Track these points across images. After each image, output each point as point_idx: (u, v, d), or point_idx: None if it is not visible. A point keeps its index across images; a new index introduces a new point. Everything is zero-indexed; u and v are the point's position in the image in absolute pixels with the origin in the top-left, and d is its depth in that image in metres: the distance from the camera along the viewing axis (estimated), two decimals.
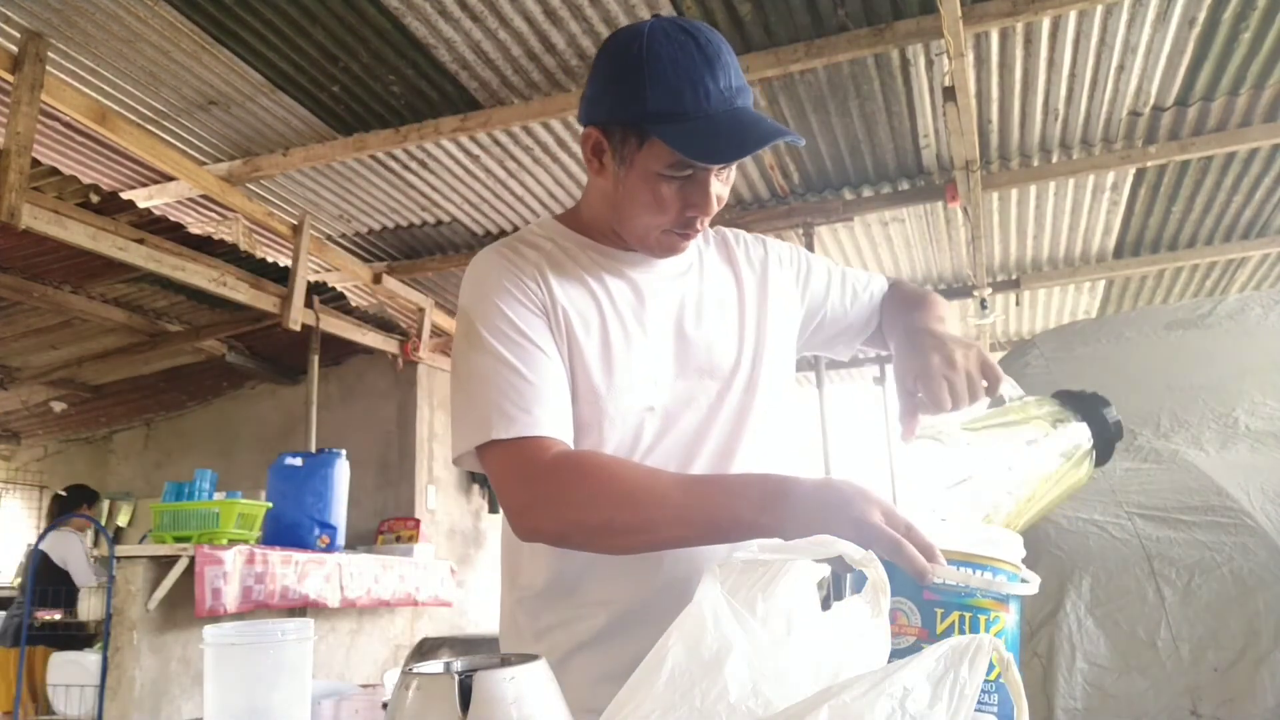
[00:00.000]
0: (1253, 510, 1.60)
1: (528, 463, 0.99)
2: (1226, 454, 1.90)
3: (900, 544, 0.78)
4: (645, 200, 1.04)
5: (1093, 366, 2.47)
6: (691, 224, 1.06)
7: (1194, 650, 1.43)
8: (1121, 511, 1.70)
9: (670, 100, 0.98)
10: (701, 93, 0.98)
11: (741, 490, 0.92)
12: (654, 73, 0.99)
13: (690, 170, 1.01)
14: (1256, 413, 2.02)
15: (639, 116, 1.00)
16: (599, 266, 1.13)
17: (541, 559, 1.09)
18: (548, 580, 1.09)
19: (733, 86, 1.00)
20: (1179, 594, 1.48)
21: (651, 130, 0.99)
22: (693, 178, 1.02)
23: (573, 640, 1.07)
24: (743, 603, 0.69)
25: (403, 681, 0.62)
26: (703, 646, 0.63)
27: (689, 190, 1.03)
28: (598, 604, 1.06)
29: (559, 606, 1.09)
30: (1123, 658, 1.46)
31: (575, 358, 1.07)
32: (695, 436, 1.10)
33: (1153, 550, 1.56)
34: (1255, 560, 1.48)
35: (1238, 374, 2.20)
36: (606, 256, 1.14)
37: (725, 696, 0.61)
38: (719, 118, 0.98)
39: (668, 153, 0.99)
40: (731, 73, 1.00)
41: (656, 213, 1.05)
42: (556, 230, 1.18)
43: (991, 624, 0.79)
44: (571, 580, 1.08)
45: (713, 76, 0.98)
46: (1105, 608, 1.51)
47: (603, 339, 1.08)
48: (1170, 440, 2.01)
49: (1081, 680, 1.46)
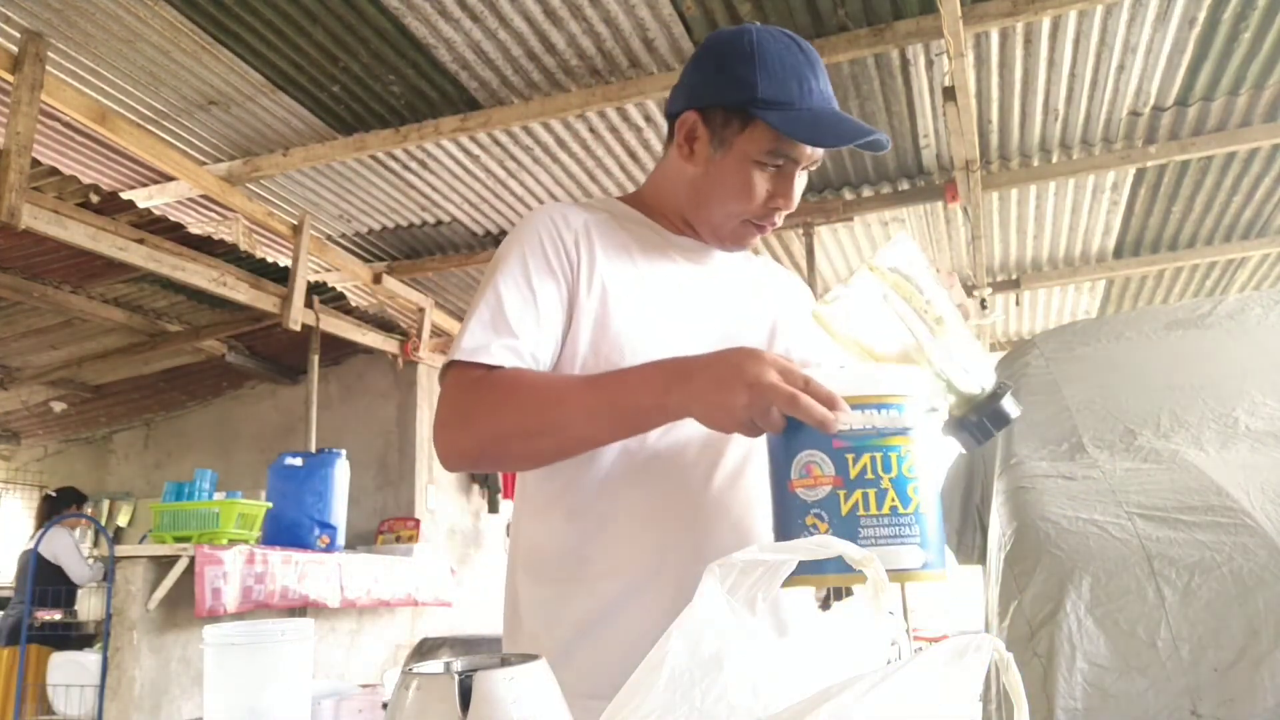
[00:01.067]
0: (1253, 510, 1.60)
1: (456, 384, 1.02)
2: (1226, 454, 1.90)
3: (797, 397, 0.81)
4: (735, 185, 1.10)
5: (1093, 366, 2.47)
6: (772, 215, 1.12)
7: (1194, 650, 1.43)
8: (1121, 511, 1.70)
9: (778, 89, 1.05)
10: (806, 88, 1.06)
11: (640, 379, 0.94)
12: (764, 64, 1.06)
13: (783, 160, 1.08)
14: (1256, 413, 2.02)
15: (748, 101, 1.06)
16: (649, 243, 1.17)
17: (548, 530, 1.10)
18: (558, 550, 1.08)
19: (828, 90, 1.09)
20: (1179, 594, 1.48)
21: (758, 114, 1.05)
22: (783, 170, 1.08)
23: (577, 619, 1.06)
24: (743, 603, 0.69)
25: (403, 681, 0.62)
26: (703, 646, 0.63)
27: (778, 181, 1.09)
28: (602, 576, 1.06)
29: (564, 580, 1.08)
30: (1123, 658, 1.46)
31: (602, 322, 1.08)
32: (710, 431, 1.08)
33: (1153, 550, 1.56)
34: (1255, 560, 1.48)
35: (1238, 374, 2.20)
36: (660, 235, 1.18)
37: (725, 696, 0.61)
38: (820, 110, 1.06)
39: (769, 138, 1.06)
40: (825, 78, 1.09)
41: (743, 199, 1.10)
42: (614, 205, 1.21)
43: (903, 459, 0.82)
44: (577, 550, 1.08)
45: (814, 75, 1.07)
46: (1105, 608, 1.51)
47: (637, 312, 1.10)
48: (1170, 440, 2.01)
49: (1081, 680, 1.46)
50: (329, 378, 5.93)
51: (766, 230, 1.15)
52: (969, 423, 0.92)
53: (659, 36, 3.42)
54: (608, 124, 4.05)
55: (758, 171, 1.08)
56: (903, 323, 0.88)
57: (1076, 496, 1.82)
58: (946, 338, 0.91)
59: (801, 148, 1.07)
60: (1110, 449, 2.04)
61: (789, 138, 1.05)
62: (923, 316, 0.89)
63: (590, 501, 1.07)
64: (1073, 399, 2.32)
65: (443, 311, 5.96)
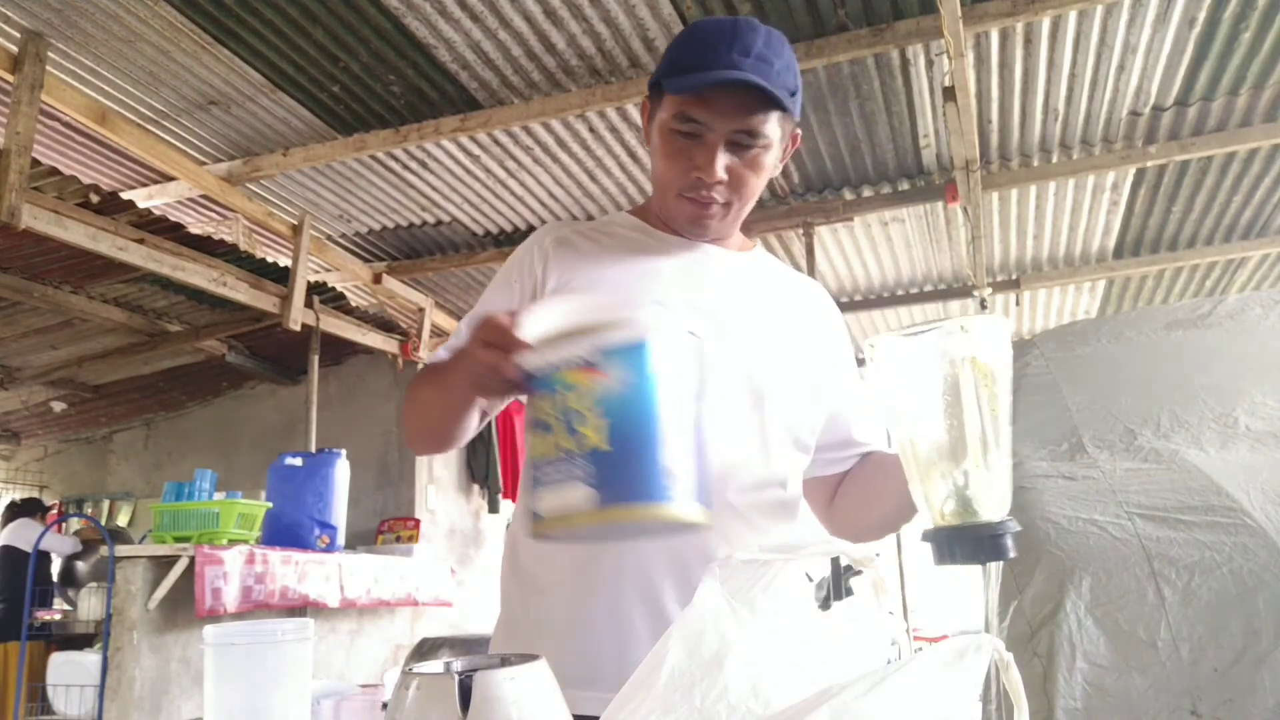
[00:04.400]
0: (1253, 510, 1.60)
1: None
2: (1226, 454, 1.90)
3: (469, 353, 0.85)
4: (660, 157, 1.13)
5: (1093, 366, 2.47)
6: (696, 187, 1.11)
7: (1194, 650, 1.43)
8: (1121, 511, 1.70)
9: (688, 58, 1.08)
10: (712, 55, 1.06)
11: (443, 367, 1.10)
12: (686, 39, 1.11)
13: (692, 125, 1.08)
14: (1256, 413, 2.02)
15: (663, 72, 1.11)
16: (632, 245, 1.20)
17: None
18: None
19: (750, 55, 1.05)
20: (1179, 594, 1.48)
21: (665, 81, 1.10)
22: (702, 140, 1.09)
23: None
24: (743, 603, 0.69)
25: (403, 681, 0.62)
26: (703, 646, 0.63)
27: (697, 150, 1.09)
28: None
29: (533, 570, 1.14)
30: (1123, 658, 1.46)
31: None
32: None
33: (1153, 550, 1.56)
34: (1255, 560, 1.48)
35: (1238, 374, 2.20)
36: (647, 236, 1.21)
37: (725, 696, 0.61)
38: (718, 73, 1.05)
39: (674, 103, 1.08)
40: (754, 47, 1.06)
41: (667, 170, 1.13)
42: (616, 216, 1.27)
43: (584, 395, 0.76)
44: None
45: (729, 45, 1.06)
46: (1105, 608, 1.51)
47: (585, 287, 1.14)
48: (1170, 440, 2.01)
49: (1081, 680, 1.46)
50: (329, 378, 5.92)
51: (704, 207, 1.13)
52: (963, 538, 0.82)
53: (659, 36, 3.42)
54: (608, 124, 4.06)
55: (676, 140, 1.10)
56: (960, 401, 0.80)
57: (1076, 496, 1.82)
58: (992, 447, 0.82)
59: (710, 113, 1.06)
60: (1110, 449, 2.04)
61: (676, 94, 1.07)
62: (982, 409, 0.81)
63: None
64: (1073, 399, 2.32)
65: (443, 312, 5.96)
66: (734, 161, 1.10)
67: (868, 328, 6.85)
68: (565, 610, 1.06)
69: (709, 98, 1.06)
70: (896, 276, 5.94)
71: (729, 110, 1.06)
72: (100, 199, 3.77)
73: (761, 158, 1.11)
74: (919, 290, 6.14)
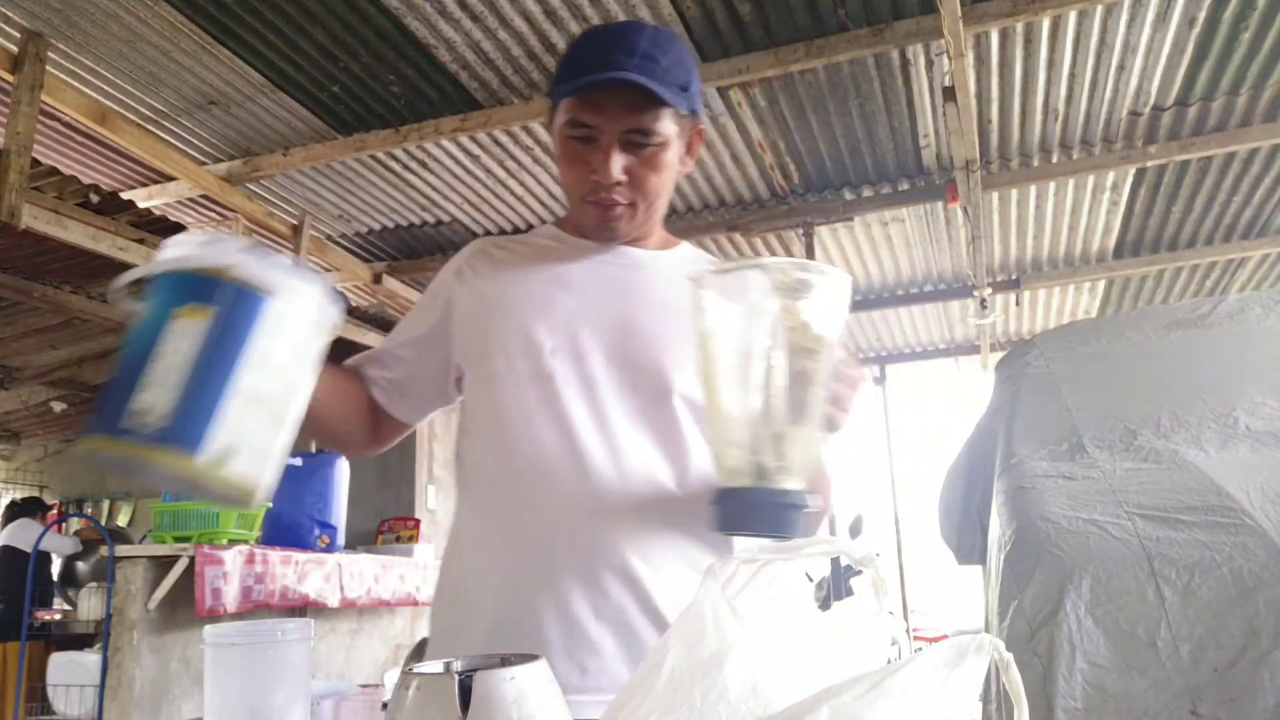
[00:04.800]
0: (1253, 510, 1.60)
1: None
2: (1226, 454, 1.90)
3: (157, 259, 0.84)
4: (561, 163, 1.14)
5: (1093, 366, 2.47)
6: (596, 190, 1.11)
7: (1194, 650, 1.43)
8: (1121, 511, 1.70)
9: (574, 65, 1.08)
10: (598, 58, 1.06)
11: None
12: (574, 47, 1.12)
13: (583, 129, 1.08)
14: (1256, 413, 2.02)
15: (554, 82, 1.11)
16: (547, 253, 1.21)
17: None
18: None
19: (635, 55, 1.06)
20: (1179, 594, 1.48)
21: (554, 90, 1.10)
22: (596, 143, 1.09)
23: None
24: (743, 603, 0.69)
25: (403, 681, 0.62)
26: (702, 646, 0.63)
27: (591, 154, 1.09)
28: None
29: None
30: (1123, 658, 1.46)
31: (474, 322, 1.17)
32: (583, 411, 1.10)
33: (1153, 550, 1.56)
34: (1255, 560, 1.48)
35: (1238, 374, 2.20)
36: (562, 244, 1.21)
37: (725, 696, 0.61)
38: (599, 74, 1.05)
39: (563, 109, 1.09)
40: (639, 46, 1.07)
41: (567, 177, 1.14)
42: (542, 229, 1.27)
43: (140, 331, 0.72)
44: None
45: (613, 48, 1.07)
46: (1105, 608, 1.51)
47: (503, 309, 1.15)
48: (1170, 440, 2.01)
49: (1081, 680, 1.46)
50: None
51: (608, 210, 1.13)
52: (747, 503, 0.74)
53: None
54: None
55: (572, 146, 1.10)
56: (773, 353, 0.72)
57: (1076, 496, 1.82)
58: (798, 412, 0.73)
59: (598, 115, 1.07)
60: (1110, 449, 2.05)
61: (565, 100, 1.08)
62: (791, 366, 0.72)
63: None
64: (1073, 399, 2.32)
65: None
66: (631, 162, 1.10)
67: (868, 328, 6.85)
68: (484, 614, 1.05)
69: (597, 100, 1.06)
70: (896, 276, 5.94)
71: (617, 111, 1.06)
72: (100, 199, 3.77)
73: (660, 156, 1.11)
74: (919, 290, 6.14)
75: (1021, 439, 2.26)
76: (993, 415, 2.59)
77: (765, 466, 0.73)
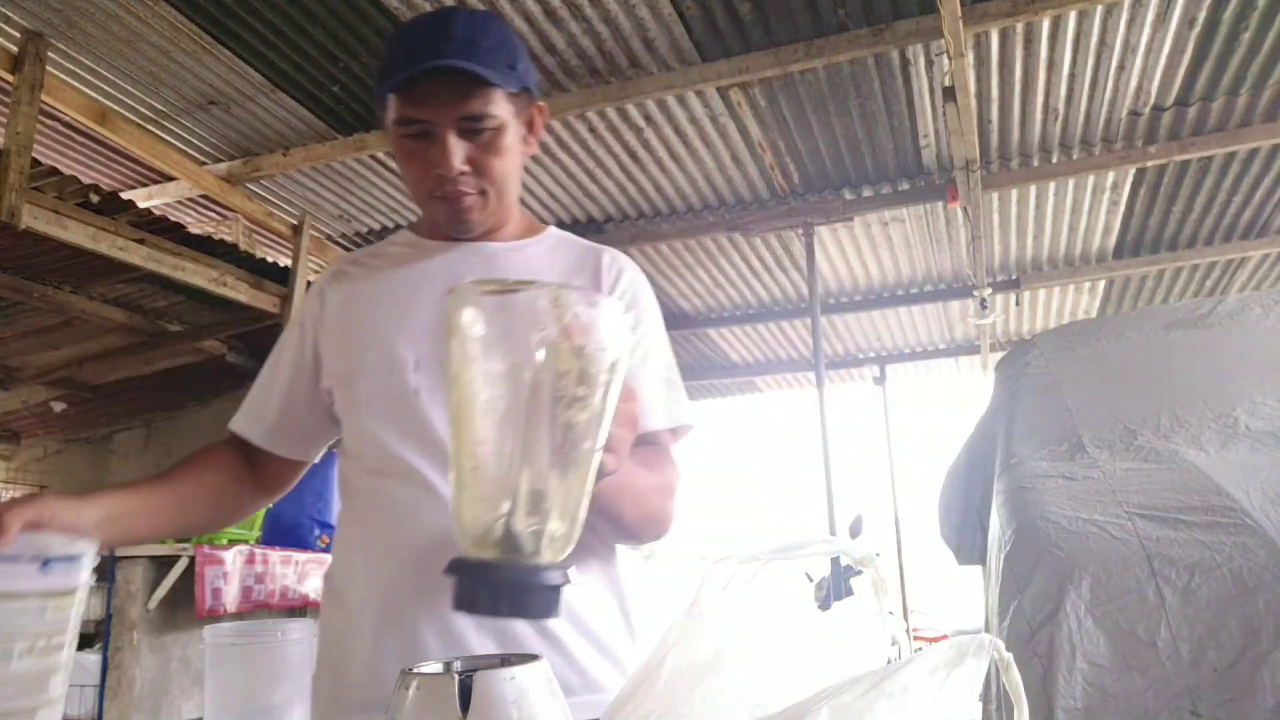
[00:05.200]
0: (1253, 510, 1.60)
1: None
2: (1226, 454, 1.90)
3: None
4: (400, 163, 1.10)
5: (1093, 366, 2.47)
6: (441, 184, 1.07)
7: (1194, 650, 1.43)
8: (1121, 511, 1.70)
9: (394, 59, 1.03)
10: (416, 50, 1.02)
11: None
12: (392, 41, 1.07)
13: (415, 124, 1.04)
14: (1256, 413, 2.02)
15: (376, 81, 1.06)
16: (399, 259, 1.17)
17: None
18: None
19: (453, 40, 1.01)
20: (1179, 594, 1.48)
21: (376, 89, 1.05)
22: (431, 136, 1.04)
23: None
24: (742, 603, 0.69)
25: (403, 681, 0.62)
26: (702, 646, 0.63)
27: (429, 149, 1.05)
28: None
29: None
30: (1123, 658, 1.46)
31: (339, 335, 1.15)
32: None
33: (1153, 550, 1.56)
34: (1255, 560, 1.48)
35: (1238, 374, 2.20)
36: (416, 248, 1.18)
37: (725, 696, 0.61)
38: (418, 65, 1.01)
39: (391, 106, 1.04)
40: (457, 30, 1.02)
41: (409, 175, 1.10)
42: (394, 237, 1.23)
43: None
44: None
45: (431, 35, 1.02)
46: (1105, 608, 1.51)
47: (358, 323, 1.13)
48: (1170, 440, 2.01)
49: (1081, 680, 1.46)
50: None
51: (457, 203, 1.08)
52: (492, 579, 0.63)
53: (659, 36, 3.42)
54: (608, 124, 4.05)
55: (407, 144, 1.06)
56: (539, 395, 0.60)
57: (1076, 496, 1.82)
58: (564, 467, 0.61)
59: (426, 108, 1.03)
60: (1110, 449, 2.05)
61: (390, 97, 1.03)
62: (557, 411, 0.61)
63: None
64: (1073, 399, 2.32)
65: None
66: (471, 150, 1.06)
67: (868, 328, 6.85)
68: (367, 630, 1.04)
69: (423, 93, 1.02)
70: (896, 276, 5.94)
71: (444, 100, 1.02)
72: (100, 199, 3.77)
73: (499, 140, 1.06)
74: (919, 290, 6.14)
75: (1021, 439, 2.26)
76: (993, 415, 2.59)
77: (516, 533, 0.62)
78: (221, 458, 1.21)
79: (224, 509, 1.21)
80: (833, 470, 4.57)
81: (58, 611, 0.79)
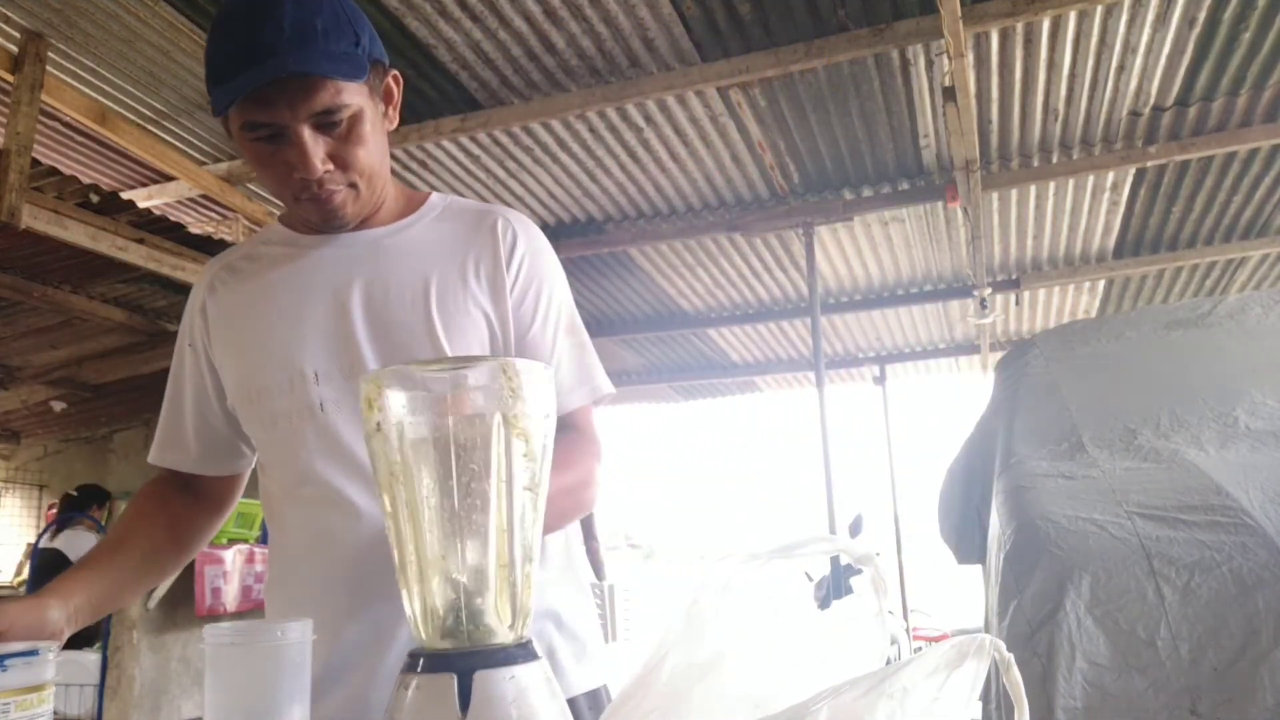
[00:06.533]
0: (1253, 510, 1.60)
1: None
2: (1226, 454, 1.90)
3: None
4: (256, 168, 1.00)
5: (1093, 366, 2.47)
6: (306, 185, 0.98)
7: (1194, 650, 1.43)
8: (1121, 511, 1.70)
9: (222, 62, 0.93)
10: (245, 49, 0.91)
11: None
12: (214, 37, 0.95)
13: (263, 129, 0.95)
14: (1256, 413, 2.02)
15: (208, 85, 0.95)
16: (275, 259, 1.10)
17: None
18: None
19: (284, 30, 0.91)
20: (1179, 593, 1.48)
21: (211, 97, 0.95)
22: (284, 137, 0.95)
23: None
24: (742, 602, 0.69)
25: (402, 681, 0.62)
26: (703, 646, 0.63)
27: (285, 151, 0.96)
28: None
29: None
30: (1123, 657, 1.46)
31: (229, 344, 1.10)
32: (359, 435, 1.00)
33: (1153, 550, 1.56)
34: (1255, 560, 1.48)
35: (1238, 374, 2.20)
36: (292, 245, 1.10)
37: (725, 696, 0.61)
38: (250, 73, 0.91)
39: (234, 112, 0.95)
40: (285, 17, 0.92)
41: (269, 179, 1.01)
42: (268, 234, 1.16)
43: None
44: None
45: (258, 29, 0.91)
46: (1105, 607, 1.51)
47: (243, 328, 1.08)
48: (1170, 440, 2.01)
49: (1081, 680, 1.46)
50: None
51: (328, 202, 1.01)
52: (441, 666, 0.60)
53: (659, 36, 3.42)
54: (608, 124, 4.05)
55: (260, 148, 0.97)
56: (487, 473, 0.60)
57: (1076, 496, 1.82)
58: (525, 550, 0.62)
59: (271, 111, 0.93)
60: (1110, 448, 2.05)
61: (233, 108, 0.93)
62: (512, 488, 0.61)
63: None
64: (1073, 399, 2.32)
65: None
66: (330, 144, 0.97)
67: (868, 328, 6.86)
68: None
69: (265, 97, 0.92)
70: (896, 276, 5.94)
71: (292, 99, 0.93)
72: (100, 199, 3.77)
73: (358, 128, 0.98)
74: (919, 290, 6.14)
75: (1021, 439, 2.26)
76: (993, 415, 2.60)
77: (479, 613, 0.62)
78: (163, 495, 1.17)
79: (184, 545, 1.17)
80: (833, 470, 4.57)
81: (21, 710, 0.79)
